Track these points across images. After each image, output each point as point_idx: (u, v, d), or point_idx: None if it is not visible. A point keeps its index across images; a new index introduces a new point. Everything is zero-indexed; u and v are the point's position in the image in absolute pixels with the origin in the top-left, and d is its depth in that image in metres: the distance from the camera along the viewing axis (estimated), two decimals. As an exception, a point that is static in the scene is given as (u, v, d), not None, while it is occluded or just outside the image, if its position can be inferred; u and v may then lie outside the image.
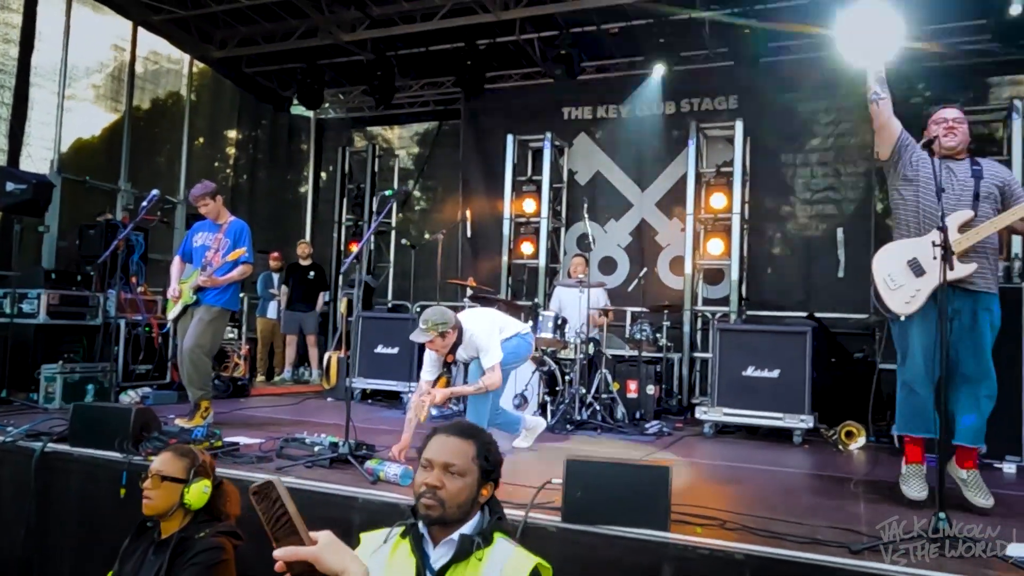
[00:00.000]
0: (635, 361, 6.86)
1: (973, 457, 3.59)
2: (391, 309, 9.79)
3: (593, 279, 7.11)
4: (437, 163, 10.98)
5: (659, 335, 7.29)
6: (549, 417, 6.25)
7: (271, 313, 9.56)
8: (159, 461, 2.74)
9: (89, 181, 8.45)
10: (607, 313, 7.42)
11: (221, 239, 5.31)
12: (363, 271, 5.23)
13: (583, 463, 3.09)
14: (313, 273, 9.41)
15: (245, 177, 11.25)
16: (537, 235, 8.93)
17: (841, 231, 8.33)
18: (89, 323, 6.87)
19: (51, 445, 4.21)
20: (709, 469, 4.81)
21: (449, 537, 1.84)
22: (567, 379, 6.46)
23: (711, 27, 8.42)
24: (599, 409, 6.28)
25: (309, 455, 4.06)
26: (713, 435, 6.07)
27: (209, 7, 8.84)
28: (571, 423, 6.05)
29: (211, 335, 5.25)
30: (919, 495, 3.61)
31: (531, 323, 6.67)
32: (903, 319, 3.61)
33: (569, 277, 7.47)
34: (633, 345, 7.16)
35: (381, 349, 7.40)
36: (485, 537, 1.85)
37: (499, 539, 1.87)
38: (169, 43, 9.56)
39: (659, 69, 8.69)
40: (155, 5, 8.80)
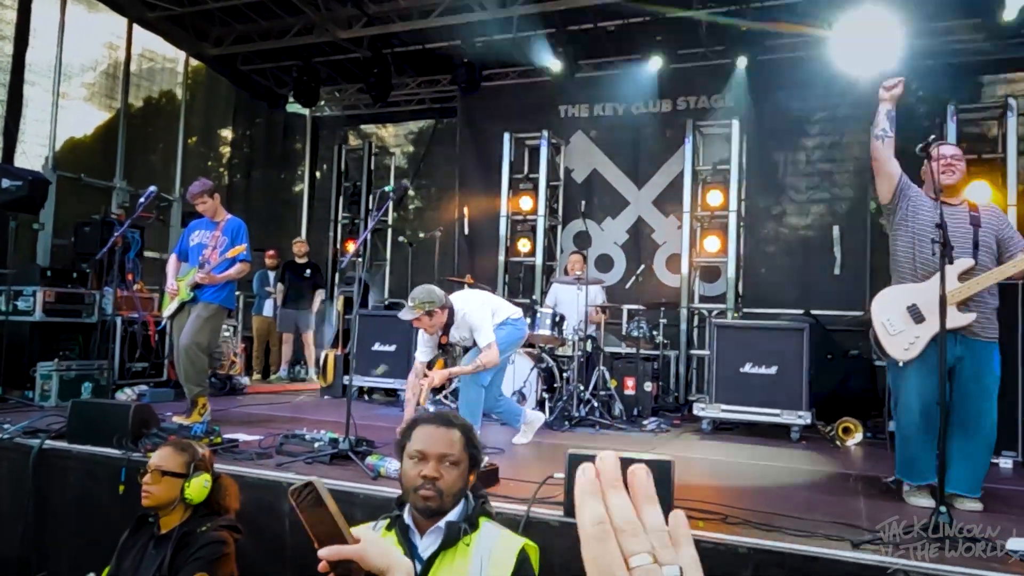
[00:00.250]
0: (632, 358, 6.87)
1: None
2: (387, 307, 9.78)
3: (590, 276, 7.12)
4: (433, 161, 10.97)
5: (656, 332, 7.30)
6: (548, 414, 6.26)
7: (267, 311, 9.53)
8: (158, 456, 2.74)
9: (84, 178, 8.41)
10: (604, 310, 7.43)
11: (219, 237, 5.30)
12: (363, 268, 5.22)
13: (585, 457, 3.08)
14: (309, 271, 9.39)
15: (240, 175, 11.22)
16: (534, 233, 8.93)
17: (837, 229, 8.36)
18: (85, 320, 6.85)
19: (49, 442, 4.20)
20: (708, 465, 4.83)
21: (436, 526, 1.85)
22: (565, 376, 6.47)
23: (707, 25, 8.44)
24: (597, 406, 6.28)
25: (309, 451, 4.05)
26: (711, 431, 6.08)
27: (205, 4, 8.81)
28: (569, 420, 6.06)
29: (208, 332, 5.24)
30: (926, 503, 3.59)
31: (529, 320, 6.69)
32: (901, 365, 3.61)
33: (566, 274, 7.47)
34: (630, 342, 7.17)
35: (378, 347, 7.39)
36: (471, 522, 1.86)
37: (485, 523, 1.89)
38: (165, 40, 9.52)
39: (656, 62, 8.68)
40: (151, 2, 8.76)
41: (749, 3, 7.80)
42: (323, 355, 8.14)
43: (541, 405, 6.37)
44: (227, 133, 11.12)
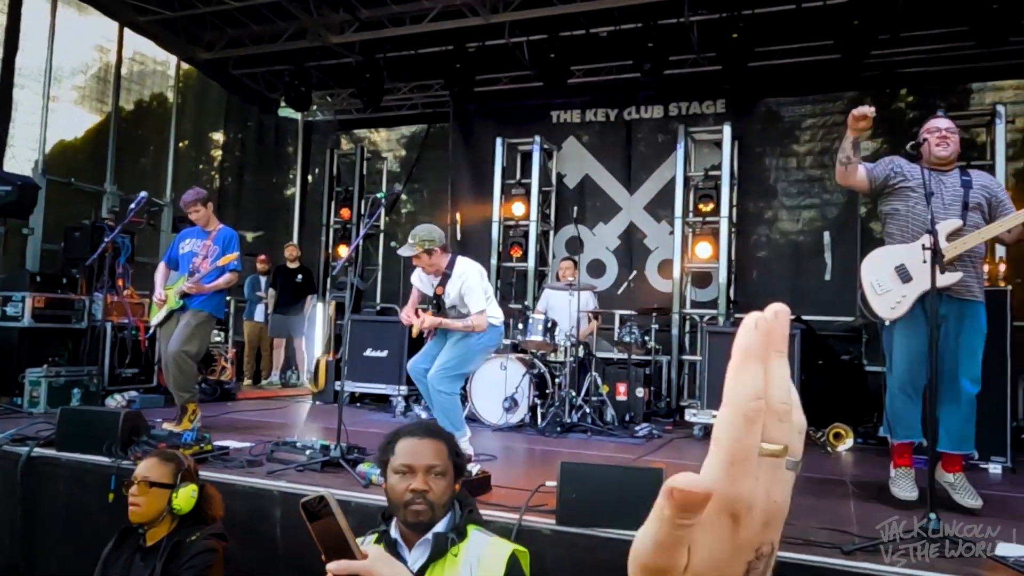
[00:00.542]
0: (624, 364, 6.88)
1: (959, 462, 3.63)
2: (379, 312, 9.77)
3: (582, 282, 7.13)
4: (425, 166, 10.96)
5: (648, 338, 7.31)
6: (539, 420, 6.26)
7: (258, 316, 9.50)
8: (145, 467, 2.72)
9: (74, 183, 8.36)
10: (596, 316, 7.44)
11: (210, 246, 5.28)
12: (354, 274, 5.21)
13: (577, 466, 3.09)
14: (301, 276, 9.37)
15: (231, 179, 11.19)
16: (526, 238, 8.94)
17: (828, 234, 8.40)
18: (75, 326, 6.81)
19: (37, 450, 4.17)
20: (699, 471, 4.83)
21: (424, 538, 1.84)
22: (557, 382, 6.47)
23: (699, 32, 8.48)
24: (589, 412, 6.28)
25: (300, 459, 4.03)
26: (703, 437, 6.09)
27: (197, 8, 8.78)
28: (561, 426, 6.06)
29: (197, 340, 5.20)
30: (910, 495, 3.64)
31: (521, 326, 6.69)
32: (888, 324, 3.65)
33: (558, 280, 7.48)
34: (622, 348, 7.18)
35: (370, 352, 7.38)
36: (459, 532, 1.85)
37: (473, 531, 1.88)
38: (156, 44, 9.48)
39: (647, 67, 8.65)
40: (142, 6, 8.73)
41: (741, 10, 7.84)
42: (315, 360, 8.11)
43: (533, 411, 6.37)
44: (218, 137, 11.09)
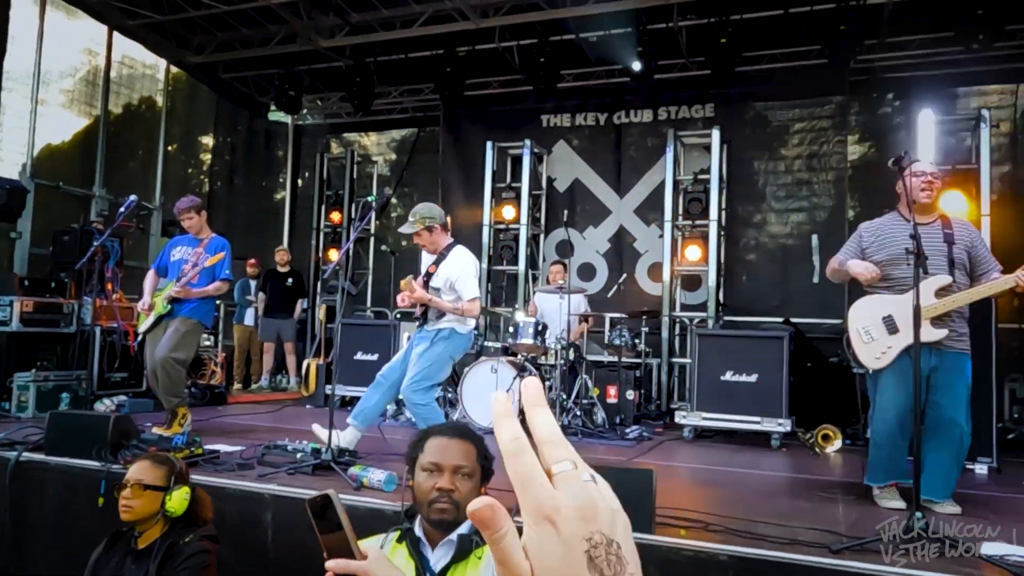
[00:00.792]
0: (615, 367, 6.90)
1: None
2: (370, 316, 9.76)
3: (573, 285, 7.16)
4: (415, 170, 10.97)
5: (638, 341, 7.34)
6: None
7: (248, 320, 9.48)
8: (138, 470, 2.71)
9: (63, 187, 8.32)
10: (587, 319, 7.46)
11: (201, 254, 5.28)
12: (346, 278, 5.21)
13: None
14: (291, 280, 9.35)
15: (221, 183, 11.15)
16: (516, 242, 8.96)
17: (816, 238, 8.47)
18: (63, 331, 6.76)
19: (26, 454, 4.15)
20: (690, 473, 4.86)
21: (448, 538, 1.84)
22: (547, 384, 6.49)
23: (688, 36, 8.54)
24: (580, 414, 6.31)
25: (291, 462, 4.04)
26: (693, 439, 6.12)
27: (186, 12, 8.76)
28: (552, 428, 6.07)
29: (185, 346, 5.18)
30: (898, 504, 3.67)
31: (512, 329, 6.71)
32: (871, 373, 3.71)
33: (548, 284, 7.50)
34: (612, 351, 7.21)
35: (360, 356, 7.37)
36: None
37: None
38: (145, 48, 9.46)
39: (637, 72, 8.70)
40: (131, 10, 8.70)
41: (729, 15, 7.90)
42: (305, 364, 8.10)
43: (523, 414, 6.37)
44: (208, 140, 11.06)
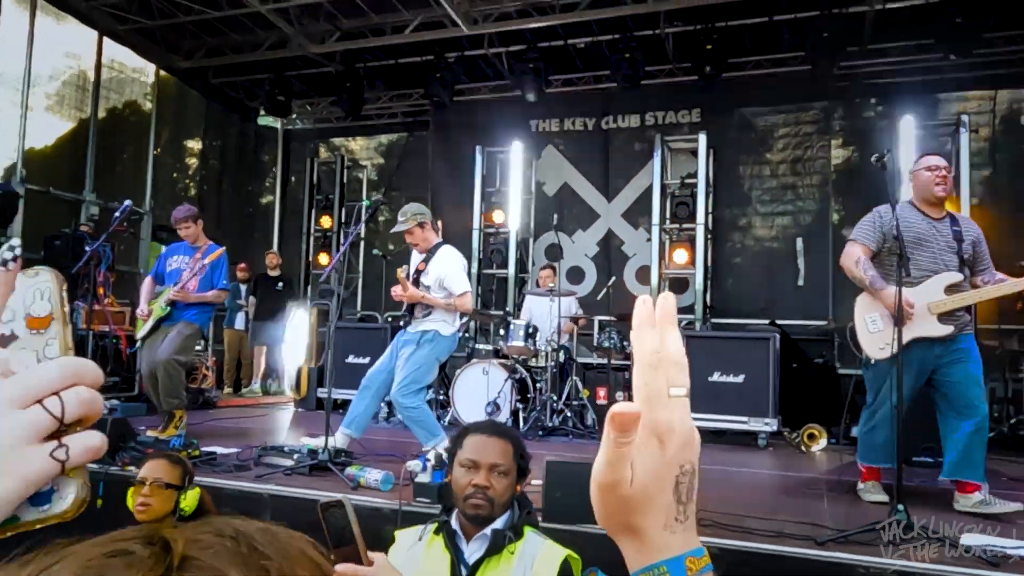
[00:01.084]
0: (604, 368, 6.99)
1: (972, 484, 3.63)
2: (360, 319, 9.80)
3: (563, 288, 7.25)
4: (405, 174, 11.02)
5: (627, 343, 7.43)
6: (522, 424, 6.35)
7: (239, 324, 9.50)
8: (156, 468, 2.75)
9: (52, 192, 8.32)
10: (578, 321, 7.55)
11: (199, 260, 5.34)
12: (341, 281, 5.26)
13: (562, 464, 3.19)
14: (281, 284, 9.38)
15: (211, 187, 11.16)
16: (506, 245, 9.04)
17: (800, 241, 8.61)
18: (55, 335, 6.76)
19: (24, 457, 4.17)
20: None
21: (482, 533, 1.92)
22: (538, 386, 6.57)
23: (675, 43, 8.67)
24: (570, 416, 6.39)
25: (288, 463, 4.09)
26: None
27: (176, 18, 8.79)
28: (543, 429, 6.16)
29: (186, 350, 5.29)
30: (880, 498, 3.77)
31: (503, 332, 6.79)
32: (873, 362, 3.74)
33: (538, 287, 7.59)
34: (601, 353, 7.30)
35: (352, 359, 7.42)
36: (516, 531, 1.93)
37: (529, 532, 1.96)
38: (135, 53, 9.46)
39: (623, 78, 8.79)
40: (121, 15, 8.72)
41: (715, 22, 8.03)
42: (297, 368, 8.13)
43: (515, 415, 6.46)
44: (197, 145, 11.06)
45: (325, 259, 10.06)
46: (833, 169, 8.67)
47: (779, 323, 7.65)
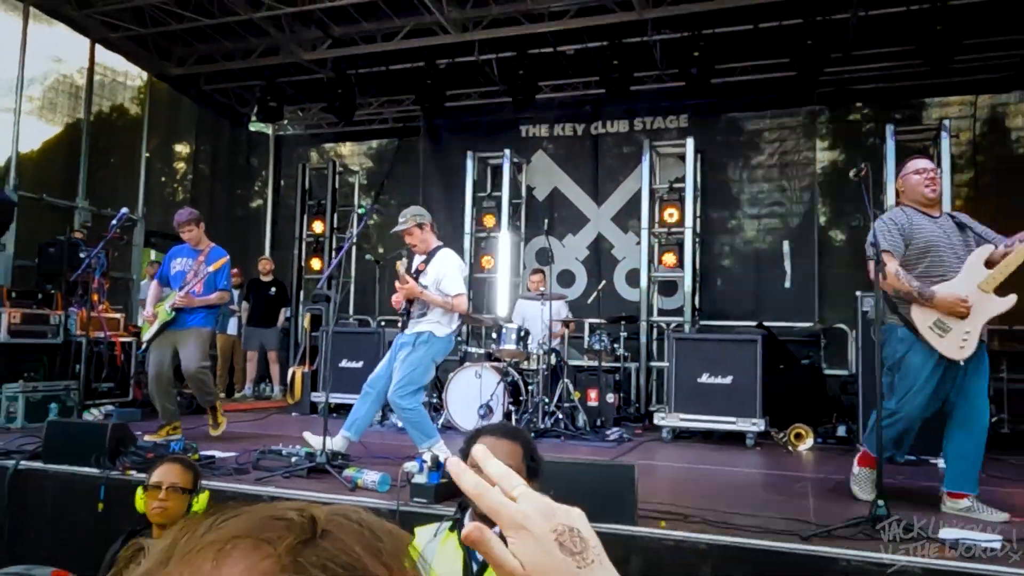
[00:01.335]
0: (595, 371, 7.10)
1: (961, 494, 3.67)
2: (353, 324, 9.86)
3: (553, 292, 7.35)
4: (396, 179, 11.10)
5: (617, 345, 7.55)
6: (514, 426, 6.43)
7: (231, 329, 9.53)
8: (171, 473, 2.81)
9: (46, 198, 8.34)
10: (569, 324, 7.65)
11: (202, 263, 5.45)
12: (339, 287, 5.37)
13: (554, 464, 3.28)
14: (274, 289, 9.42)
15: (202, 192, 11.19)
16: (497, 250, 9.13)
17: (787, 243, 8.74)
18: (50, 341, 6.81)
19: (24, 463, 4.24)
20: (669, 471, 5.06)
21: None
22: (530, 389, 6.67)
23: (662, 50, 8.80)
24: (562, 417, 6.49)
25: (286, 466, 4.17)
26: (671, 440, 6.33)
27: (168, 25, 8.84)
28: (535, 431, 6.24)
29: (205, 353, 5.59)
30: (867, 496, 3.87)
31: (495, 335, 6.88)
32: (962, 364, 3.56)
33: (529, 291, 7.69)
34: (592, 355, 7.40)
35: (346, 363, 7.49)
36: None
37: None
38: (127, 60, 9.50)
39: (613, 84, 8.88)
40: (113, 23, 8.76)
41: (702, 29, 8.16)
42: (290, 372, 8.19)
43: (508, 417, 6.55)
44: (189, 150, 11.10)
45: (317, 264, 10.12)
46: (820, 172, 8.82)
47: (767, 325, 7.77)
